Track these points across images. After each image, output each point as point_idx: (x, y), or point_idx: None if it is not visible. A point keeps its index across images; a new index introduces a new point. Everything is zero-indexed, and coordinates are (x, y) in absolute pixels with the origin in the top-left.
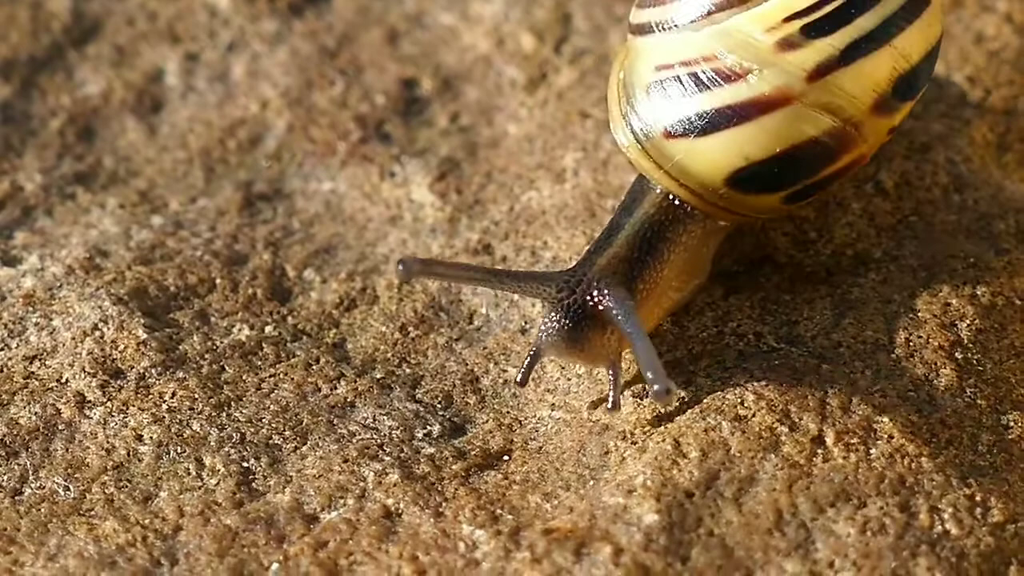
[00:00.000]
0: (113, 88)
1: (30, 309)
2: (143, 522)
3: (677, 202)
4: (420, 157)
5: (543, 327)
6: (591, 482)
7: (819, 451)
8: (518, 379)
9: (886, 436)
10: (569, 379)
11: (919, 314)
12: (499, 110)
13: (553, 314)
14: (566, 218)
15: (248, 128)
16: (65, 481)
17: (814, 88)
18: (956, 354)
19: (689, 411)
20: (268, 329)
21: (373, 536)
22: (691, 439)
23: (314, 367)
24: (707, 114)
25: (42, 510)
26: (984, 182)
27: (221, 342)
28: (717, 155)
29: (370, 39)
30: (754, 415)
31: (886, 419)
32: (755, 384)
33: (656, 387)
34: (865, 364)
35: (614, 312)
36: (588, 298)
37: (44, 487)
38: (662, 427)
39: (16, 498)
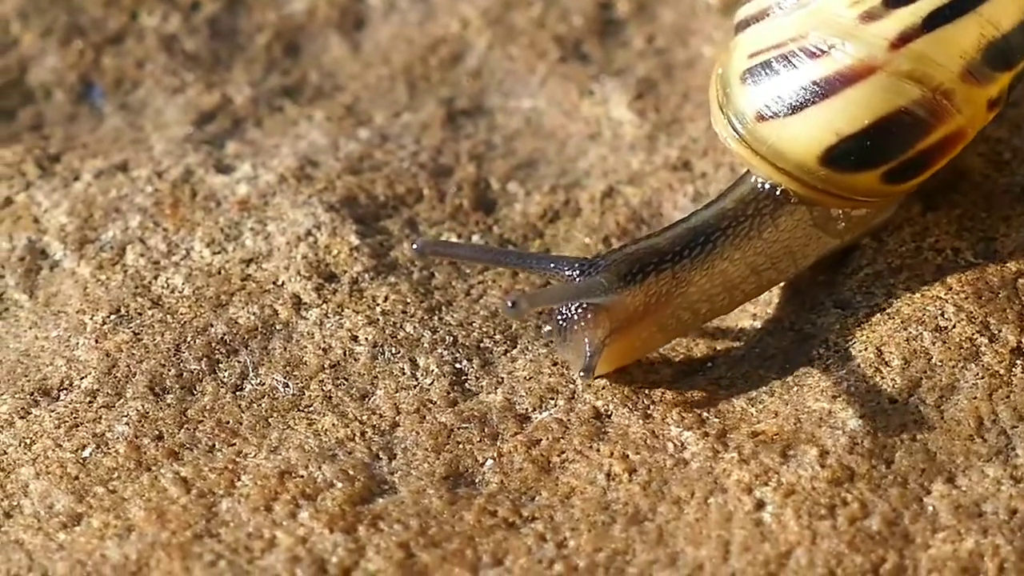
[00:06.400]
0: (317, 5)
1: (245, 215)
2: (361, 418)
3: (768, 187)
4: (618, 77)
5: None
6: (795, 388)
7: (1018, 362)
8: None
9: None
10: (770, 291)
11: None
12: (694, 33)
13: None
14: None
15: (449, 46)
16: (284, 378)
17: (897, 57)
18: None
19: (890, 322)
20: (475, 238)
21: (584, 435)
22: (893, 348)
23: (521, 275)
24: (795, 92)
25: (263, 405)
26: None
27: None
28: (809, 132)
29: None
30: (954, 326)
31: None
32: (954, 296)
33: (509, 302)
34: None
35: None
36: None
37: (264, 383)
38: (864, 337)
39: (237, 393)
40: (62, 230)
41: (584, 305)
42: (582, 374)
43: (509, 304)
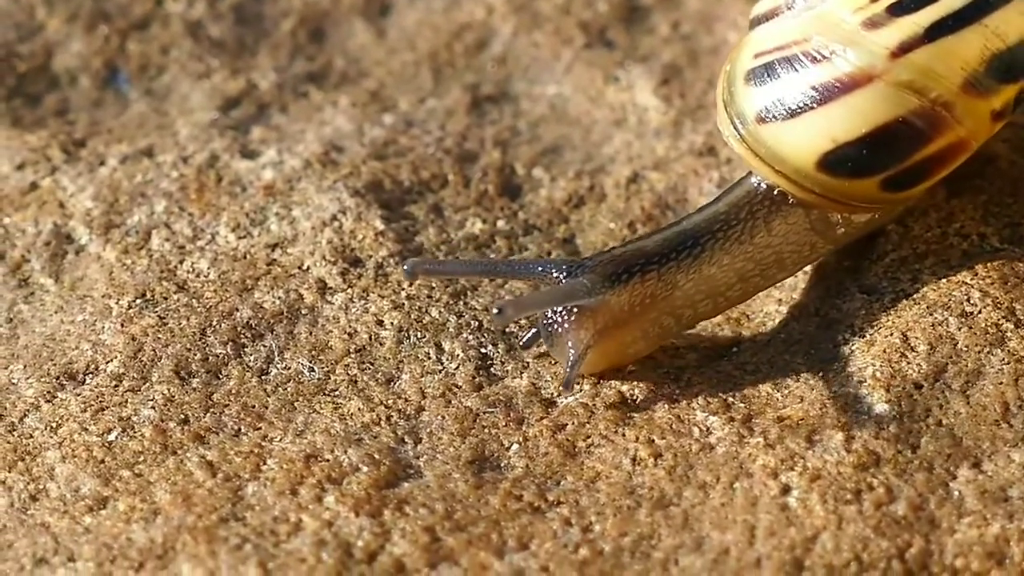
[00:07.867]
0: None
1: (271, 200)
2: (386, 402)
3: (764, 186)
4: (643, 63)
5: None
6: (820, 373)
7: None
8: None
9: None
10: (796, 276)
11: None
12: (719, 19)
13: None
14: None
15: (474, 32)
16: (310, 362)
17: (896, 66)
18: None
19: (916, 307)
20: (500, 223)
21: (610, 420)
22: (919, 334)
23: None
24: (794, 96)
25: (288, 389)
26: None
27: (455, 234)
28: (806, 138)
29: None
30: (980, 312)
31: None
32: (980, 282)
33: (495, 309)
34: None
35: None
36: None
37: (290, 368)
38: (890, 322)
39: (263, 377)
40: (88, 215)
41: (569, 306)
42: (562, 387)
43: (495, 311)
